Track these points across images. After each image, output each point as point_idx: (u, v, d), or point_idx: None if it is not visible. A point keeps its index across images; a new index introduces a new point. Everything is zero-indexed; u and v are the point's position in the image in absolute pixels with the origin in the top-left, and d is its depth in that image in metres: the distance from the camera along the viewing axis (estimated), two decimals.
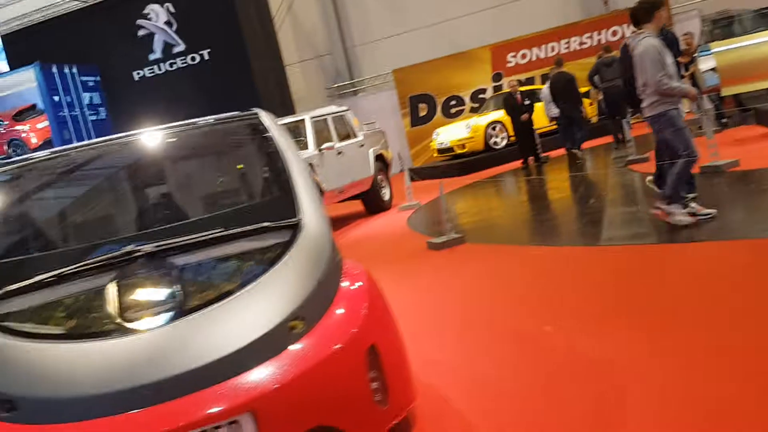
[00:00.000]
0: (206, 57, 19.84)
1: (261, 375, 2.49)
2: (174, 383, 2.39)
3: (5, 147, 19.77)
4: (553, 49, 18.77)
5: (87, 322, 2.65)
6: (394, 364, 2.83)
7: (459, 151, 15.58)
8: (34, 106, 19.97)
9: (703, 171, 7.80)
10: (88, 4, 21.09)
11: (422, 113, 19.59)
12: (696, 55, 11.00)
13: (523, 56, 18.94)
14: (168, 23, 20.30)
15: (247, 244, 2.96)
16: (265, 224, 3.00)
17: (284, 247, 2.88)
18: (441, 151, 16.29)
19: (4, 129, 19.93)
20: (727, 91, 10.03)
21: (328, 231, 3.02)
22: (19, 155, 19.70)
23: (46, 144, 19.73)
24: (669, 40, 7.39)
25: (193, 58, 19.93)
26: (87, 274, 2.81)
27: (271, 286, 2.69)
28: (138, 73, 20.50)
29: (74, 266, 2.80)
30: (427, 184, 13.03)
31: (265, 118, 3.73)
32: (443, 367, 3.73)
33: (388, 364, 2.78)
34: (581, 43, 18.66)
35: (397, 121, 19.39)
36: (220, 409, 2.38)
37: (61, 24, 21.28)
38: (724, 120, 12.48)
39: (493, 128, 15.44)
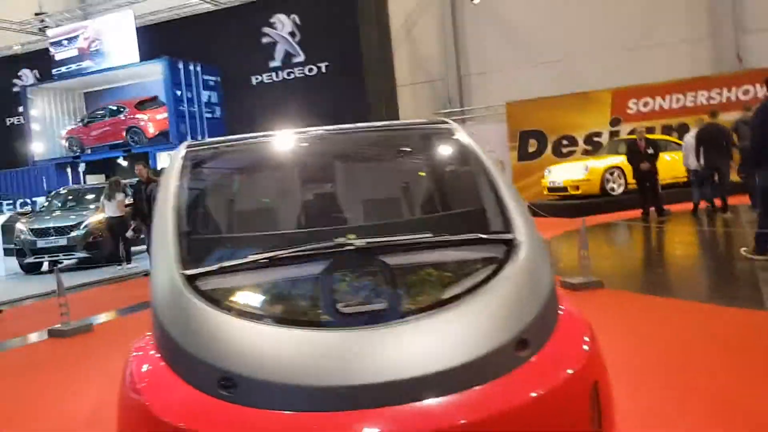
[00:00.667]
0: (323, 70, 20.30)
1: (487, 396, 2.31)
2: (394, 389, 2.24)
3: (124, 133, 20.68)
4: (677, 100, 18.14)
5: (304, 310, 2.54)
6: (609, 407, 2.59)
7: (572, 192, 15.16)
8: (155, 98, 20.86)
9: None
10: (218, 8, 21.92)
11: (531, 149, 19.25)
12: None
13: (645, 104, 18.37)
14: (292, 33, 20.90)
15: (460, 254, 2.80)
16: (479, 236, 2.83)
17: (502, 263, 2.69)
18: (552, 189, 15.91)
19: (125, 116, 20.85)
20: None
21: (546, 252, 2.82)
22: (135, 143, 20.64)
23: (162, 135, 20.53)
24: None
25: (310, 69, 20.43)
26: (298, 260, 2.71)
27: (494, 302, 2.51)
28: (256, 78, 21.15)
29: (286, 251, 2.71)
30: (539, 221, 12.67)
31: (459, 128, 3.61)
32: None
33: (605, 406, 2.54)
34: (709, 98, 17.94)
35: (503, 153, 19.14)
36: (437, 427, 2.21)
37: (190, 23, 22.24)
38: None
39: (612, 173, 14.95)
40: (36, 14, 23.43)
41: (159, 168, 9.90)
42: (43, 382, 5.27)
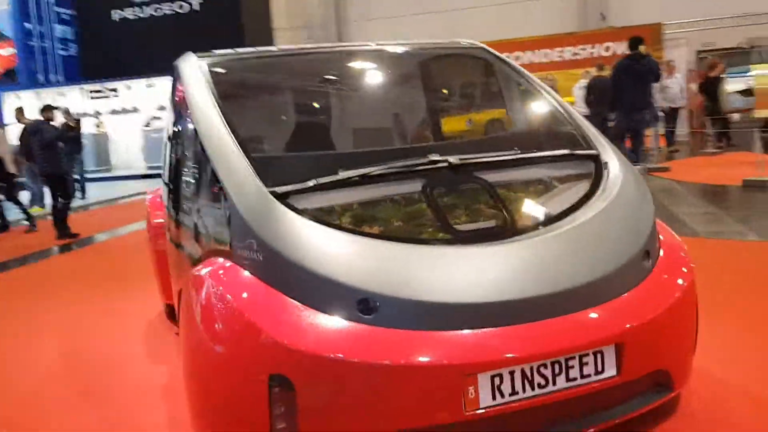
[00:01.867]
0: (196, 7, 18.90)
1: (629, 306, 2.27)
2: (546, 302, 2.15)
3: None
4: (546, 55, 18.96)
5: (427, 227, 2.35)
6: (697, 313, 2.66)
7: None
8: None
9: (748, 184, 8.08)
10: None
11: None
12: (723, 75, 11.34)
13: (516, 58, 19.00)
14: None
15: (554, 170, 2.72)
16: (570, 152, 2.77)
17: (599, 178, 2.65)
18: None
19: None
20: (761, 114, 10.32)
21: (632, 166, 2.81)
22: None
23: (7, 74, 18.41)
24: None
25: (181, 6, 18.96)
26: (391, 178, 2.50)
27: (618, 214, 2.47)
28: (118, 14, 19.33)
29: (381, 168, 2.48)
30: None
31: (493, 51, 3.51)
32: None
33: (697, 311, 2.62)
34: (575, 54, 18.92)
35: None
36: (591, 337, 2.16)
37: None
38: (721, 144, 12.95)
39: (492, 125, 15.40)
40: None
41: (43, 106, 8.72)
42: None
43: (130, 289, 5.40)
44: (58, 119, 10.58)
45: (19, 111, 10.48)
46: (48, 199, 9.02)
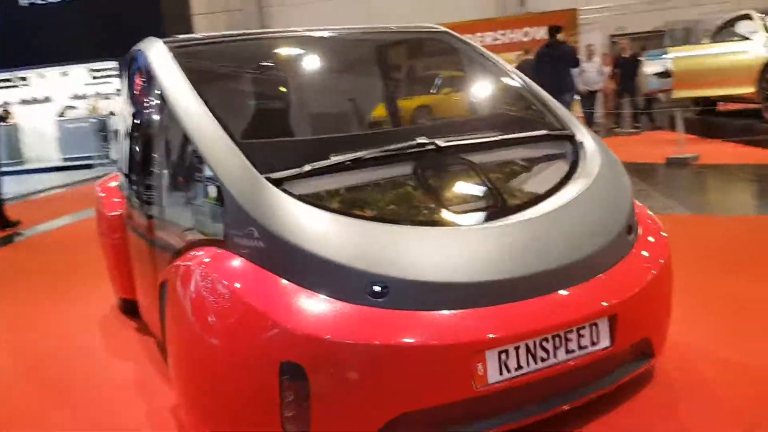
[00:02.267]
0: None
1: (619, 279, 2.38)
2: (546, 278, 2.22)
3: None
4: None
5: (427, 209, 2.37)
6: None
7: None
8: None
9: (671, 162, 8.49)
10: None
11: None
12: (642, 59, 11.85)
13: None
14: None
15: (534, 151, 2.80)
16: (547, 132, 2.85)
17: (577, 157, 2.74)
18: None
19: None
20: (678, 94, 10.87)
21: (605, 145, 2.91)
22: None
23: None
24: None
25: None
26: (382, 161, 2.51)
27: (603, 191, 2.56)
28: None
29: (372, 151, 2.49)
30: None
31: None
32: None
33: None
34: (495, 39, 19.34)
35: None
36: (588, 310, 2.25)
37: None
38: (638, 124, 13.56)
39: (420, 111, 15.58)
40: None
41: None
42: None
43: (75, 285, 5.19)
44: None
45: None
46: None
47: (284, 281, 2.12)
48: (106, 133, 16.42)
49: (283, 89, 3.32)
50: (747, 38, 9.75)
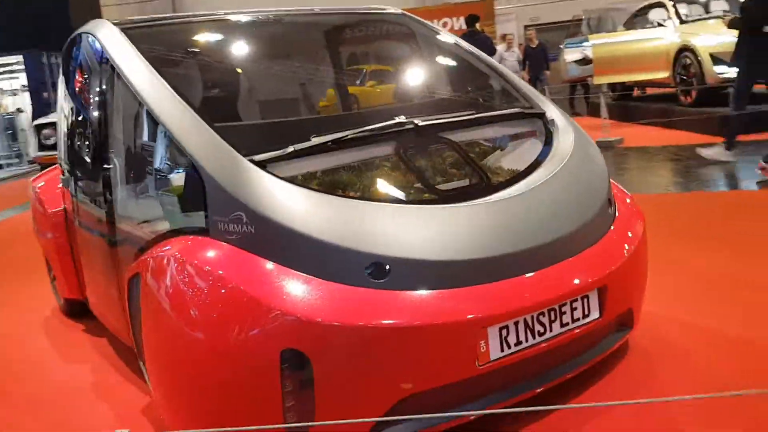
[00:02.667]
0: None
1: (605, 252, 2.41)
2: (533, 254, 2.23)
3: None
4: None
5: (416, 188, 2.32)
6: None
7: None
8: None
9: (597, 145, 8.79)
10: None
11: None
12: (562, 46, 12.18)
13: None
14: None
15: (509, 129, 2.80)
16: (521, 110, 2.86)
17: (550, 134, 2.77)
18: None
19: None
20: (599, 80, 11.23)
21: (574, 121, 2.95)
22: None
23: None
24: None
25: None
26: (363, 141, 2.45)
27: (583, 167, 2.59)
28: None
29: (353, 131, 2.42)
30: None
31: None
32: None
33: None
34: None
35: None
36: (580, 283, 2.27)
37: None
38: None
39: None
40: None
41: None
42: None
43: (6, 287, 4.87)
44: None
45: None
46: None
47: (278, 266, 2.03)
48: (14, 131, 15.49)
49: (245, 72, 3.20)
50: (661, 25, 10.18)
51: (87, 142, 3.09)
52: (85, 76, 3.10)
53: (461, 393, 2.11)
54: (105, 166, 2.83)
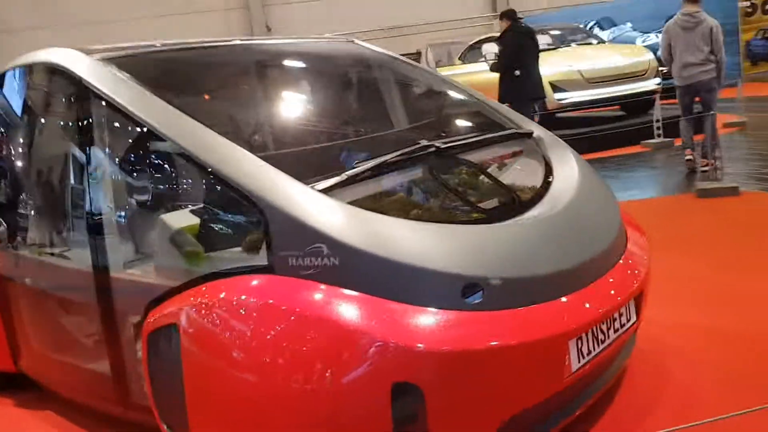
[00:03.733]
0: None
1: (634, 259, 2.54)
2: (587, 267, 2.31)
3: None
4: None
5: (473, 208, 2.32)
6: None
7: None
8: None
9: None
10: None
11: None
12: None
13: None
14: None
15: (510, 148, 2.88)
16: (516, 131, 2.95)
17: (544, 154, 2.88)
18: None
19: None
20: None
21: (557, 137, 3.09)
22: None
23: None
24: None
25: None
26: (395, 165, 2.40)
27: (593, 183, 2.72)
28: None
29: (389, 155, 2.37)
30: None
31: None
32: None
33: None
34: None
35: None
36: (630, 291, 2.39)
37: None
38: None
39: None
40: None
41: None
42: None
43: None
44: None
45: None
46: None
47: (370, 297, 1.92)
48: None
49: (255, 98, 2.99)
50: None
51: (48, 187, 2.71)
52: (45, 112, 2.72)
53: (549, 408, 2.12)
54: (93, 212, 2.49)
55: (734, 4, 15.87)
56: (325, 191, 2.09)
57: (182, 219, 2.27)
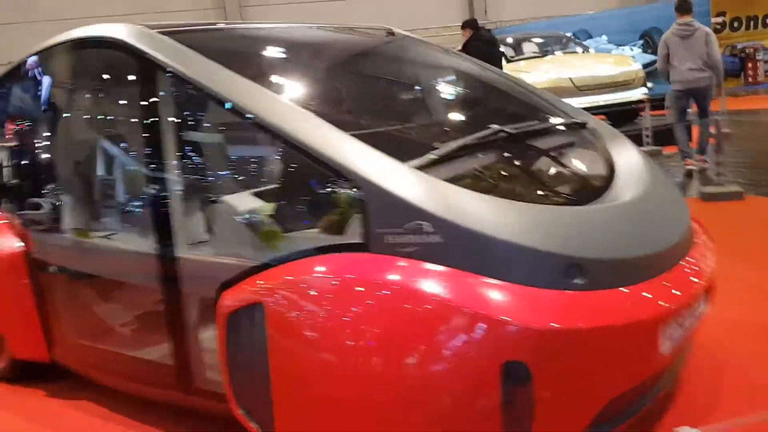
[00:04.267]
0: None
1: (702, 249, 2.55)
2: (673, 251, 2.30)
3: None
4: None
5: (565, 188, 2.31)
6: None
7: None
8: None
9: None
10: None
11: None
12: None
13: None
14: None
15: (572, 137, 2.87)
16: (577, 120, 2.95)
17: (603, 141, 2.88)
18: None
19: None
20: None
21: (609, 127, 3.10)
22: None
23: None
24: None
25: None
26: (480, 146, 2.38)
27: (657, 171, 2.72)
28: None
29: (473, 137, 2.36)
30: None
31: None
32: None
33: None
34: None
35: None
36: (707, 277, 2.38)
37: None
38: None
39: None
40: None
41: None
42: None
43: None
44: None
45: None
46: None
47: (476, 275, 1.89)
48: None
49: (341, 79, 2.94)
50: None
51: (111, 168, 2.61)
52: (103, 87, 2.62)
53: (642, 392, 2.11)
54: (158, 191, 2.40)
55: (707, 20, 16.28)
56: (422, 169, 2.05)
57: (265, 198, 2.21)
